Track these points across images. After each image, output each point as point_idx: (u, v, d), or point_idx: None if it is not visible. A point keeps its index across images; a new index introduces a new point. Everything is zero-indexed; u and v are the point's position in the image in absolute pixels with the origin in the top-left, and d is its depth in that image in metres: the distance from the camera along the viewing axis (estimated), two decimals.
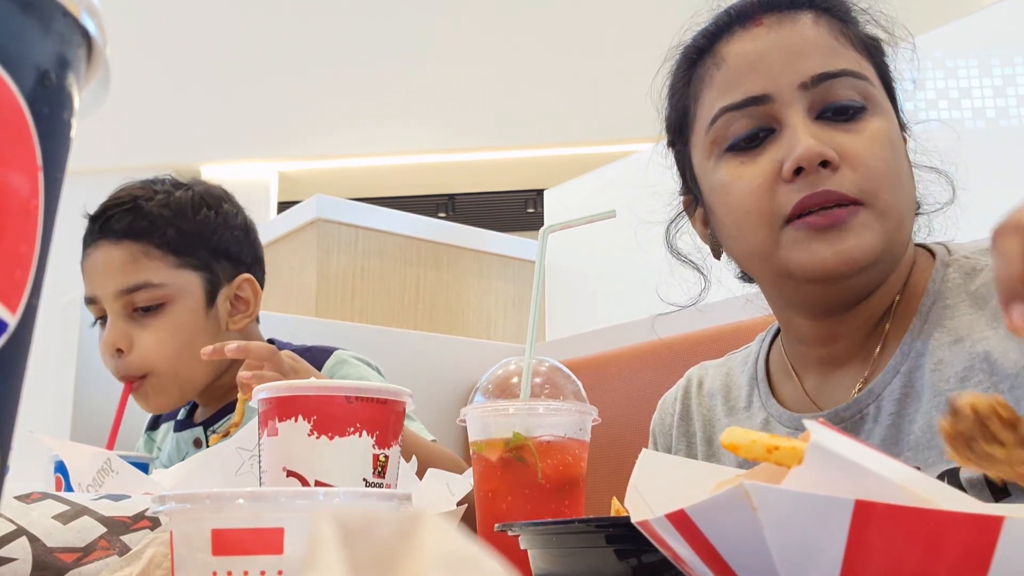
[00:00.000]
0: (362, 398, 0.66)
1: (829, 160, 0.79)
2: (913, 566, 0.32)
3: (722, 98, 0.86)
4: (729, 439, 0.37)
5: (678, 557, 0.39)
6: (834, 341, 0.88)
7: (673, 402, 1.05)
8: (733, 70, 0.86)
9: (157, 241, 1.26)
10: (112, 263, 1.26)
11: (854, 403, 0.84)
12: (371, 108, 5.67)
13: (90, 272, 1.30)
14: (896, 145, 0.83)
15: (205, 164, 5.92)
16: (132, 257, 1.25)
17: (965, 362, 0.78)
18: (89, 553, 0.58)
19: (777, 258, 0.82)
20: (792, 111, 0.82)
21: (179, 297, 1.26)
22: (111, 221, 1.28)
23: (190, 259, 1.27)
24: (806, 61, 0.83)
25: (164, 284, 1.25)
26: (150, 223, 1.26)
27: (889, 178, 0.80)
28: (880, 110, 0.83)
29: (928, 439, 0.78)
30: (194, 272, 1.28)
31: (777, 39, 0.84)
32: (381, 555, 0.20)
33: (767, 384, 0.95)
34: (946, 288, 0.84)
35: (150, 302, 1.24)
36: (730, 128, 0.85)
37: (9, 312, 0.21)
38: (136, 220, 1.26)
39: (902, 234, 0.82)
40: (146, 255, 1.25)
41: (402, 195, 6.08)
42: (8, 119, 0.21)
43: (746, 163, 0.84)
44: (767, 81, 0.83)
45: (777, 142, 0.83)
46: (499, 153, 5.79)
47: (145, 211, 1.27)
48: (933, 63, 2.40)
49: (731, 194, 0.85)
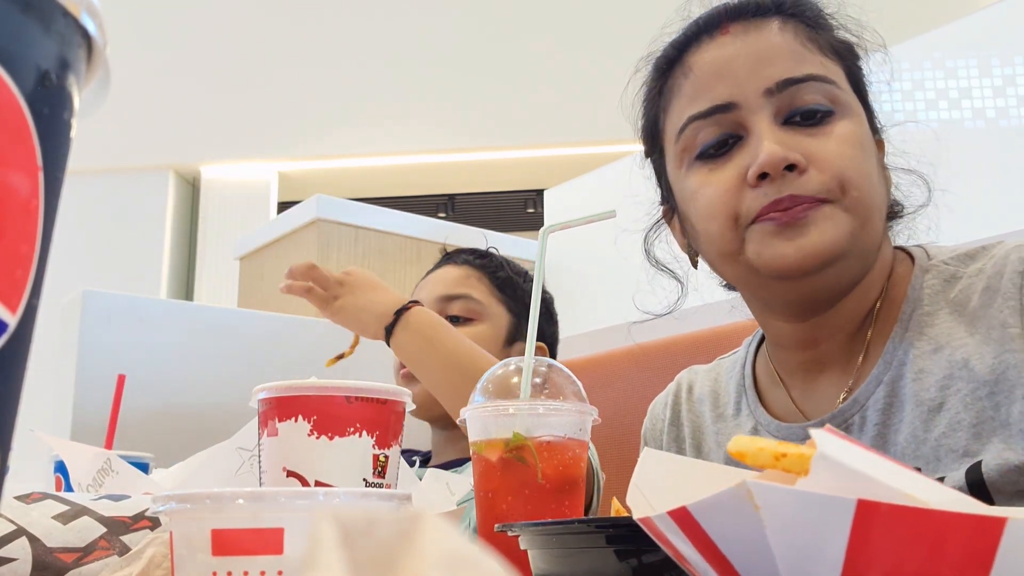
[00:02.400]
0: (362, 398, 0.66)
1: (795, 163, 0.79)
2: (915, 566, 0.32)
3: (690, 107, 0.86)
4: (736, 447, 0.37)
5: (680, 555, 0.39)
6: (814, 344, 0.88)
7: (663, 407, 1.05)
8: (700, 79, 0.86)
9: (489, 273, 1.47)
10: (447, 277, 1.48)
11: (839, 413, 0.84)
12: (371, 108, 5.67)
13: (423, 285, 1.51)
14: (865, 146, 0.83)
15: (205, 164, 5.92)
16: (466, 276, 1.47)
17: (945, 370, 0.78)
18: (89, 553, 0.58)
19: (743, 257, 0.83)
20: (758, 117, 0.82)
21: (487, 318, 1.43)
22: (461, 254, 1.52)
23: (507, 298, 1.46)
24: (771, 67, 0.83)
25: (480, 302, 1.44)
26: (489, 260, 1.50)
27: (857, 176, 0.80)
28: (849, 113, 0.83)
29: (913, 449, 0.78)
30: (506, 311, 1.46)
31: (743, 46, 0.85)
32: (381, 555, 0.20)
33: (755, 391, 0.95)
34: (925, 295, 0.83)
35: (463, 313, 1.43)
36: (698, 136, 0.86)
37: (9, 312, 0.21)
38: (480, 257, 1.51)
39: (869, 230, 0.82)
40: (477, 279, 1.47)
41: (402, 195, 6.08)
42: (8, 119, 0.21)
43: (714, 170, 0.84)
44: (732, 88, 0.83)
45: (744, 149, 0.83)
46: (499, 153, 5.79)
47: (490, 255, 1.52)
48: (933, 63, 2.40)
49: (700, 200, 0.85)
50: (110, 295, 1.95)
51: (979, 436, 0.75)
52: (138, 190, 5.75)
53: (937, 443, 0.77)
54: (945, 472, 0.76)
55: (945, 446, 0.76)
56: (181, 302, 3.82)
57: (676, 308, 1.00)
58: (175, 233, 5.88)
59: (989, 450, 0.74)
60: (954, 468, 0.75)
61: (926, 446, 0.77)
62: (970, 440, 0.75)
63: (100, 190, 5.53)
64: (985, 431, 0.75)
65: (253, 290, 2.90)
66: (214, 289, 5.74)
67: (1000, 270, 0.79)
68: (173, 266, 5.83)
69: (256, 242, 2.92)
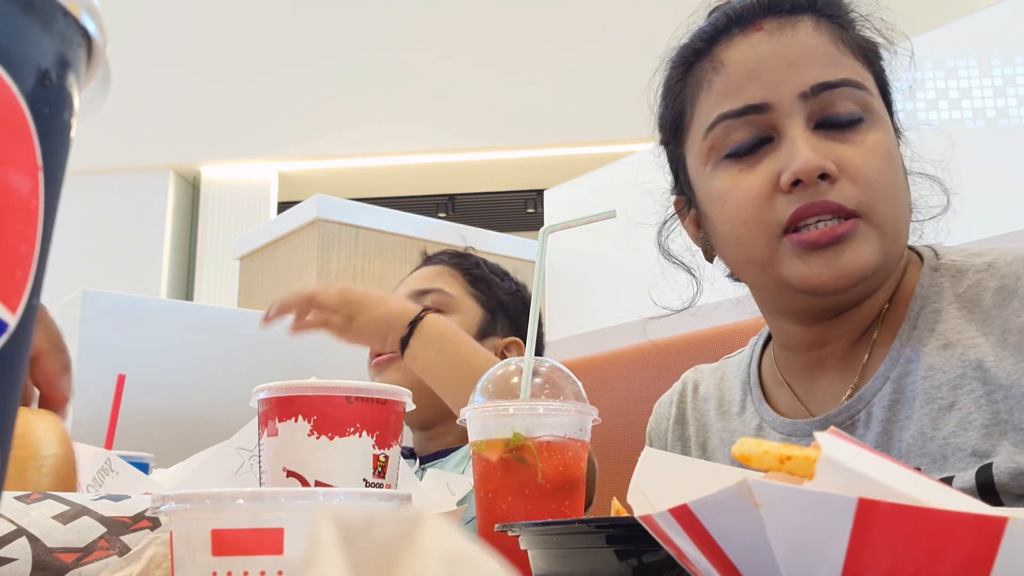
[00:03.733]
0: (362, 398, 0.66)
1: (828, 172, 0.79)
2: (915, 566, 0.32)
3: (720, 105, 0.85)
4: (741, 450, 0.37)
5: (681, 553, 0.39)
6: (822, 346, 0.88)
7: (669, 406, 1.05)
8: (732, 77, 0.85)
9: (463, 270, 1.51)
10: (420, 274, 1.51)
11: (844, 409, 0.84)
12: (371, 108, 5.67)
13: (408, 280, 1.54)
14: (893, 156, 0.83)
15: (205, 164, 5.92)
16: (439, 272, 1.50)
17: (957, 370, 0.78)
18: (89, 553, 0.58)
19: (774, 269, 0.82)
20: (791, 121, 0.81)
21: (458, 311, 1.45)
22: (439, 254, 1.56)
23: (479, 293, 1.49)
24: (806, 70, 0.82)
25: (451, 295, 1.46)
26: (466, 259, 1.53)
27: (886, 190, 0.80)
28: (878, 120, 0.83)
29: (920, 446, 0.78)
30: (477, 305, 1.48)
31: (778, 46, 0.83)
32: (381, 555, 0.19)
33: (760, 389, 0.95)
34: (934, 293, 0.83)
35: (434, 304, 1.41)
36: (729, 136, 0.84)
37: (9, 312, 0.21)
38: (456, 255, 1.55)
39: (898, 245, 0.82)
40: (450, 275, 1.50)
41: (402, 195, 6.08)
42: (8, 119, 0.21)
43: (744, 172, 0.83)
44: (767, 90, 0.82)
45: (776, 152, 0.82)
46: (499, 153, 5.79)
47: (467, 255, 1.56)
48: (933, 63, 2.40)
49: (728, 203, 0.84)
50: (110, 295, 1.95)
51: (989, 437, 0.75)
52: (138, 190, 5.76)
53: (945, 441, 0.77)
54: (953, 471, 0.76)
55: (953, 444, 0.76)
56: (181, 302, 3.82)
57: (692, 304, 0.99)
58: (175, 233, 5.89)
59: (999, 452, 0.74)
60: (961, 468, 0.75)
61: (933, 444, 0.77)
62: (979, 440, 0.75)
63: (100, 190, 5.53)
64: (996, 433, 0.75)
65: (253, 290, 2.90)
66: (214, 289, 5.75)
67: (1018, 272, 0.79)
68: (173, 266, 5.84)
69: (256, 242, 2.92)
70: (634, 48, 0.88)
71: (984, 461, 0.74)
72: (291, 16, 5.65)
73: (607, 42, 5.23)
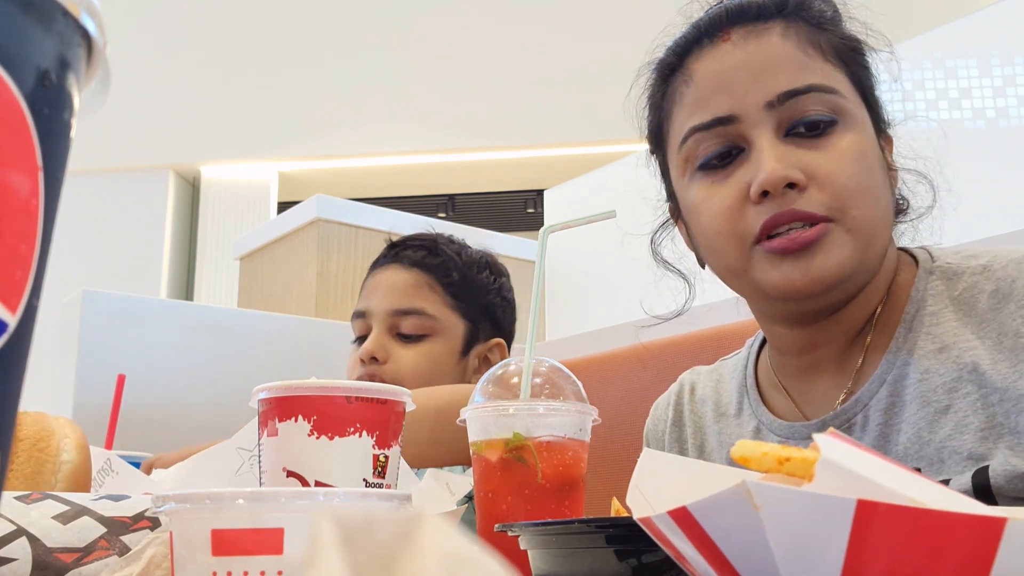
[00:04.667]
0: (362, 398, 0.66)
1: (795, 181, 0.79)
2: (915, 567, 0.32)
3: (691, 118, 0.86)
4: (739, 452, 0.37)
5: (680, 555, 0.39)
6: (814, 349, 0.88)
7: (666, 408, 1.05)
8: (701, 89, 0.86)
9: (443, 279, 1.37)
10: (397, 284, 1.37)
11: (841, 412, 0.84)
12: (371, 108, 5.67)
13: (372, 288, 1.40)
14: (868, 158, 0.82)
15: (205, 164, 5.92)
16: (417, 284, 1.36)
17: (953, 372, 0.78)
18: (89, 553, 0.58)
19: (750, 277, 0.83)
20: (759, 131, 0.82)
21: (442, 333, 1.35)
22: (408, 250, 1.40)
23: (463, 305, 1.38)
24: (772, 79, 0.82)
25: (435, 317, 1.35)
26: (442, 262, 1.39)
27: (859, 194, 0.80)
28: (852, 122, 0.82)
29: (916, 449, 0.78)
30: (462, 319, 1.38)
31: (743, 57, 0.84)
32: (381, 555, 0.19)
33: (756, 392, 0.95)
34: (929, 295, 0.83)
35: (415, 330, 1.34)
36: (700, 148, 0.85)
37: (9, 312, 0.21)
38: (431, 256, 1.39)
39: (874, 247, 0.82)
40: (429, 287, 1.36)
41: (402, 195, 6.09)
42: (8, 119, 0.21)
43: (716, 183, 0.84)
44: (733, 101, 0.83)
45: (746, 162, 0.83)
46: (499, 153, 5.80)
47: (441, 251, 1.40)
48: (933, 63, 2.40)
49: (703, 214, 0.86)
50: (110, 295, 1.95)
51: (985, 440, 0.75)
52: (138, 190, 5.76)
53: (942, 444, 0.77)
54: (949, 474, 0.76)
55: (950, 448, 0.76)
56: (181, 302, 3.82)
57: (684, 310, 1.00)
58: (175, 233, 5.89)
59: (995, 455, 0.74)
60: (958, 471, 0.75)
61: (930, 447, 0.77)
62: (976, 443, 0.75)
63: (100, 190, 5.53)
64: (992, 436, 0.75)
65: (253, 290, 2.90)
66: (214, 289, 5.75)
67: (1013, 275, 0.79)
68: (173, 266, 5.84)
69: (256, 242, 2.93)
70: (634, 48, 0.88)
71: (980, 464, 0.74)
72: (291, 16, 5.66)
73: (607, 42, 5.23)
